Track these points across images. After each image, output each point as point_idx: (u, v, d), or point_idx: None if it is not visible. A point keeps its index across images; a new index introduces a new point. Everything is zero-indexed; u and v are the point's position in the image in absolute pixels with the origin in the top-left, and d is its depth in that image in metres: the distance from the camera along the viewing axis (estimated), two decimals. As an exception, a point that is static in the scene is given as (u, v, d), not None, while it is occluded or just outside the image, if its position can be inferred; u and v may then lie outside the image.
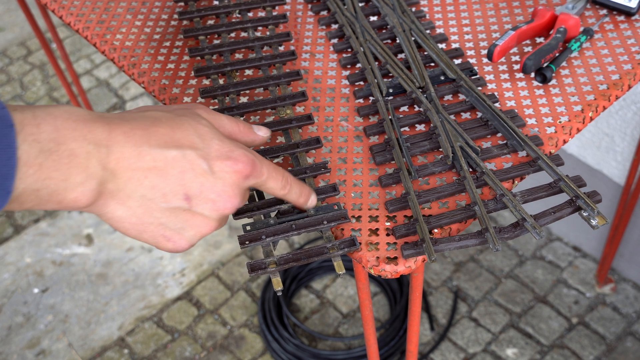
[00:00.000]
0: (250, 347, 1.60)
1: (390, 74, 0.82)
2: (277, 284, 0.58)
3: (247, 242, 0.60)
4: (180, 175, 0.49)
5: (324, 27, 0.92)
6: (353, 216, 0.67)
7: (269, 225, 0.61)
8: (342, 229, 0.65)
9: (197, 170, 0.49)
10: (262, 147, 0.70)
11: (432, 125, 0.74)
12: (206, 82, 0.83)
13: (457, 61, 0.84)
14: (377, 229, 0.65)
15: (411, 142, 0.72)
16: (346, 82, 0.83)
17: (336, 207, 0.64)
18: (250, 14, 0.92)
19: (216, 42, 0.87)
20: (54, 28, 1.47)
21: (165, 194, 0.49)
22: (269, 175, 0.54)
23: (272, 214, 0.63)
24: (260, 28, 0.89)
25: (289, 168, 0.70)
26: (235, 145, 0.52)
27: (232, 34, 0.89)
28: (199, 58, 0.85)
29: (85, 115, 0.46)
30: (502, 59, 0.83)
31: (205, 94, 0.76)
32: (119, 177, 0.47)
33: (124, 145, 0.46)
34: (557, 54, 0.80)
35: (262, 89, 0.79)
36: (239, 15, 0.91)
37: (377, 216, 0.66)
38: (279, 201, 0.63)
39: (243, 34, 0.89)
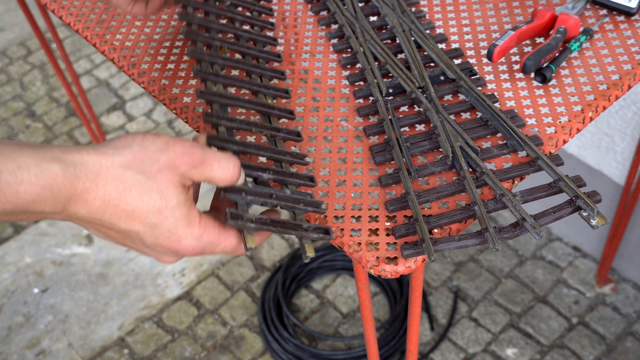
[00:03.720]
0: (250, 347, 1.60)
1: (390, 74, 0.82)
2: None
3: (226, 192, 0.58)
4: (123, 239, 0.55)
5: (323, 27, 0.92)
6: (353, 216, 0.67)
7: (249, 189, 0.59)
8: (342, 229, 0.65)
9: (139, 243, 0.54)
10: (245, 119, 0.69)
11: (432, 125, 0.74)
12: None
13: (457, 61, 0.84)
14: (377, 229, 0.65)
15: (411, 142, 0.72)
16: (346, 82, 0.83)
17: (309, 198, 0.64)
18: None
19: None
20: (53, 28, 1.47)
21: (106, 237, 0.55)
22: (214, 249, 0.56)
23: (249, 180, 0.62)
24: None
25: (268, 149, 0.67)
26: (185, 234, 0.53)
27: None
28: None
29: (56, 178, 0.48)
30: (502, 59, 0.83)
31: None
32: (67, 220, 0.52)
33: (80, 210, 0.50)
34: (557, 54, 0.80)
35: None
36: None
37: (377, 216, 0.66)
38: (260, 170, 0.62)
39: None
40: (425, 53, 0.84)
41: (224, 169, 0.54)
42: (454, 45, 0.86)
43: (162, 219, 0.52)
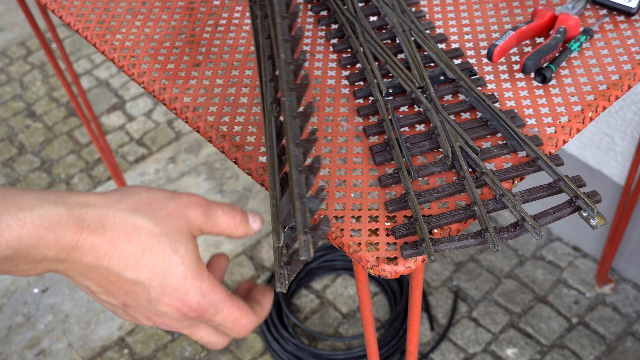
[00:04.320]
0: (250, 347, 1.60)
1: (390, 74, 0.82)
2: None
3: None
4: (125, 294, 0.50)
5: (323, 27, 0.92)
6: (352, 216, 0.67)
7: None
8: (342, 229, 0.65)
9: (142, 297, 0.50)
10: None
11: (431, 125, 0.74)
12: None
13: (457, 61, 0.84)
14: (377, 229, 0.65)
15: (411, 142, 0.72)
16: (346, 82, 0.83)
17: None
18: None
19: None
20: (53, 28, 1.47)
21: (107, 293, 0.50)
22: (216, 313, 0.52)
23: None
24: None
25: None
26: (193, 286, 0.50)
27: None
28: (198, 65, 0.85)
29: (60, 219, 0.45)
30: (502, 59, 0.83)
31: None
32: (69, 272, 0.48)
33: (86, 256, 0.47)
34: (556, 54, 0.80)
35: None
36: None
37: (376, 216, 0.66)
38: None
39: None
40: (425, 53, 0.84)
41: (228, 214, 0.53)
42: (454, 45, 0.86)
43: (172, 266, 0.49)
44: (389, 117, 0.75)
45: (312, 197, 0.53)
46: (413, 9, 0.92)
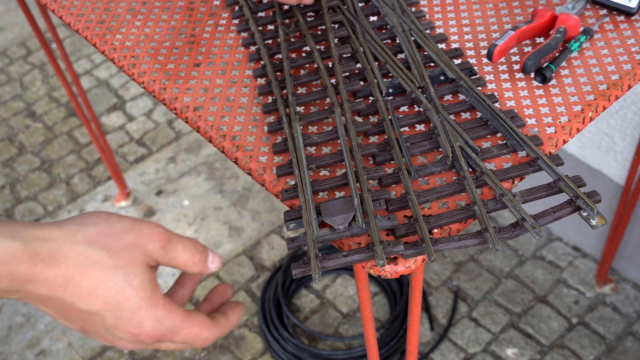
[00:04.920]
0: (250, 347, 1.60)
1: (390, 74, 0.82)
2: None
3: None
4: (82, 322, 0.51)
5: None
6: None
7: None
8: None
9: (99, 325, 0.51)
10: None
11: (431, 125, 0.74)
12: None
13: (457, 61, 0.84)
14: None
15: (411, 142, 0.72)
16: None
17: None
18: None
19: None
20: (53, 28, 1.47)
21: (64, 319, 0.51)
22: (175, 335, 0.53)
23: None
24: None
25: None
26: (148, 315, 0.50)
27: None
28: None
29: (15, 254, 0.46)
30: (502, 59, 0.83)
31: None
32: (24, 299, 0.49)
33: (40, 288, 0.48)
34: (556, 54, 0.80)
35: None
36: None
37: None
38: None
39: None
40: (425, 53, 0.84)
41: (188, 251, 0.53)
42: (454, 45, 0.86)
43: (126, 297, 0.49)
44: (389, 117, 0.75)
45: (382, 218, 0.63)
46: (413, 9, 0.92)
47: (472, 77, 0.80)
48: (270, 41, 0.88)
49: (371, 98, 0.79)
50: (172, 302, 0.52)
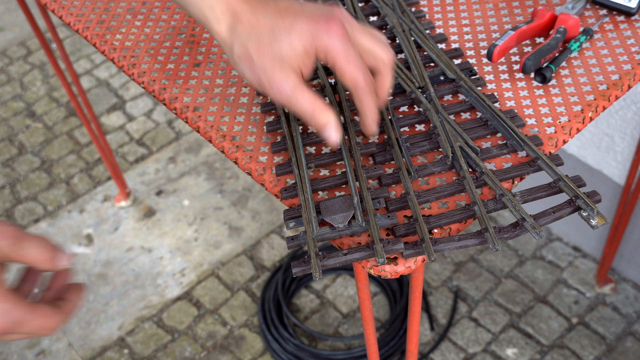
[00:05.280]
0: (250, 347, 1.60)
1: (390, 74, 0.82)
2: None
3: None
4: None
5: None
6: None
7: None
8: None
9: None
10: None
11: (431, 125, 0.74)
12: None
13: (457, 61, 0.84)
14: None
15: (411, 142, 0.72)
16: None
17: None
18: None
19: None
20: (53, 28, 1.47)
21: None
22: (22, 327, 0.55)
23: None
24: None
25: None
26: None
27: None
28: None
29: None
30: (502, 59, 0.83)
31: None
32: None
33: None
34: (556, 54, 0.80)
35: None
36: None
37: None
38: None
39: None
40: (425, 53, 0.84)
41: (39, 248, 0.55)
42: (453, 45, 0.86)
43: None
44: (389, 117, 0.75)
45: (382, 216, 0.64)
46: (413, 9, 0.92)
47: (472, 77, 0.80)
48: None
49: (371, 98, 0.79)
50: (17, 295, 0.55)
